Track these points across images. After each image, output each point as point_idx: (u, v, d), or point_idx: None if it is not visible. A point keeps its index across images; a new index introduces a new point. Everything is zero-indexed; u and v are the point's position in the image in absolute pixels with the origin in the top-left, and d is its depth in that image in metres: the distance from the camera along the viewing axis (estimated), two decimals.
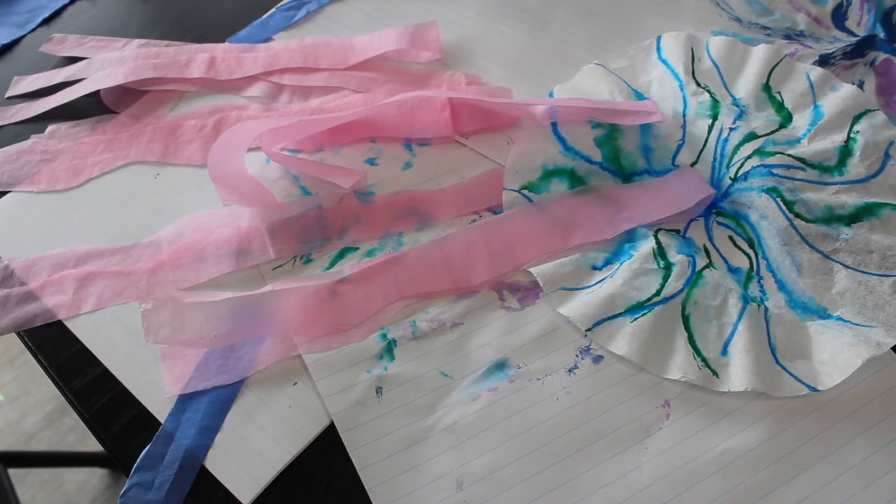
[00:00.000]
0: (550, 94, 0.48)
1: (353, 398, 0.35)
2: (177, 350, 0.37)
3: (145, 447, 0.34)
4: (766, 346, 0.36)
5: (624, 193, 0.42)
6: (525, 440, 0.34)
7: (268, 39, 0.55)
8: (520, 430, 0.34)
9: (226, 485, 0.33)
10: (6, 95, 0.52)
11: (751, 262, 0.40)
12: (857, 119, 0.43)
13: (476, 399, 0.35)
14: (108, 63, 0.52)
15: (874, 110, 0.43)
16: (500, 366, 0.36)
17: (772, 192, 0.40)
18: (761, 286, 0.39)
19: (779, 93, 0.46)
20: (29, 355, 0.40)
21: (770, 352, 0.36)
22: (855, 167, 0.41)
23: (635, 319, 0.36)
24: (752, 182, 0.41)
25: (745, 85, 0.46)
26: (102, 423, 0.36)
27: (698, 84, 0.46)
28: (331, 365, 0.36)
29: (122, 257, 0.41)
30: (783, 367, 0.35)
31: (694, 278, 0.38)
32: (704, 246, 0.41)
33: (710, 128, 0.44)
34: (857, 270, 0.38)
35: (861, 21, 0.52)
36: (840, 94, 0.44)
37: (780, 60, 0.47)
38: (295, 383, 0.36)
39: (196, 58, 0.52)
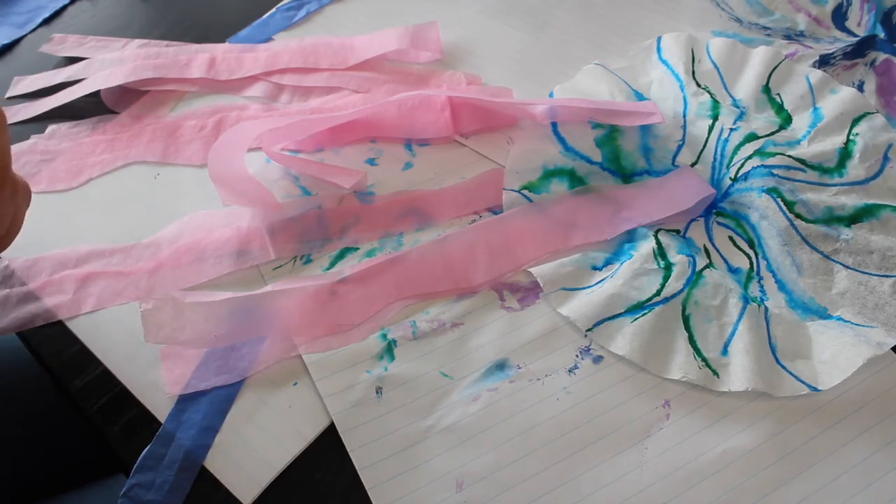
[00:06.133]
0: (550, 94, 0.48)
1: (353, 398, 0.35)
2: (177, 350, 0.37)
3: (145, 447, 0.34)
4: (767, 346, 0.36)
5: (624, 193, 0.42)
6: (525, 440, 0.34)
7: (268, 39, 0.55)
8: (520, 431, 0.34)
9: (226, 485, 0.33)
10: (6, 95, 0.52)
11: (751, 262, 0.40)
12: (856, 121, 0.43)
13: (476, 399, 0.35)
14: (109, 63, 0.52)
15: (873, 113, 0.43)
16: (500, 366, 0.36)
17: (772, 192, 0.40)
18: (761, 286, 0.39)
19: (778, 94, 0.46)
20: None
21: (770, 351, 0.36)
22: (854, 169, 0.41)
23: (635, 319, 0.36)
24: (753, 182, 0.41)
25: (745, 86, 0.46)
26: (102, 423, 0.36)
27: (699, 85, 0.46)
28: (331, 365, 0.36)
29: (122, 257, 0.41)
30: (783, 367, 0.35)
31: (694, 278, 0.38)
32: (704, 246, 0.41)
33: (711, 128, 0.44)
34: (857, 271, 0.38)
35: (861, 21, 0.52)
36: (839, 97, 0.44)
37: (780, 62, 0.47)
38: (295, 383, 0.36)
39: (196, 58, 0.52)
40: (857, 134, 0.42)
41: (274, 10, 0.57)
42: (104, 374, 0.37)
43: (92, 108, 0.50)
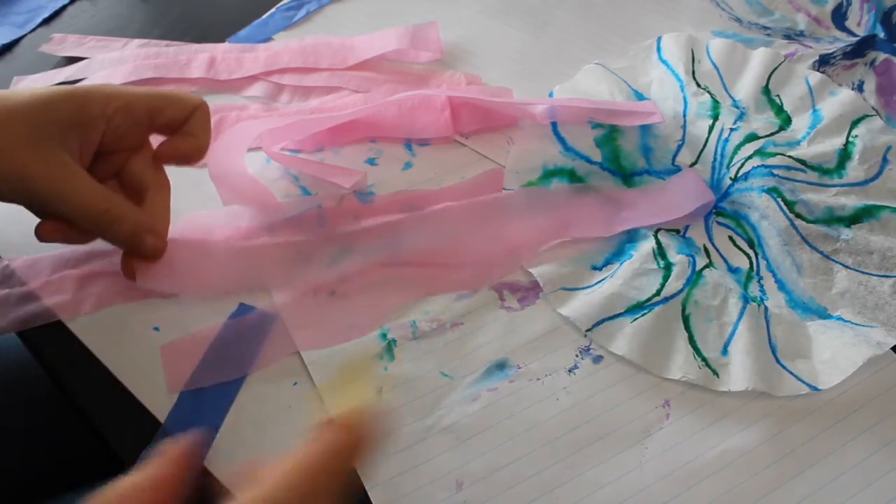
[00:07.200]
0: (550, 94, 0.48)
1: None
2: (177, 349, 0.37)
3: (145, 447, 0.34)
4: (767, 346, 0.36)
5: (624, 197, 0.42)
6: (525, 440, 0.34)
7: (268, 39, 0.55)
8: (520, 430, 0.34)
9: (226, 485, 0.33)
10: None
11: (751, 262, 0.40)
12: (855, 123, 0.43)
13: (476, 399, 0.35)
14: (108, 63, 0.52)
15: (872, 115, 0.44)
16: (500, 366, 0.36)
17: (772, 192, 0.40)
18: (761, 286, 0.39)
19: (778, 96, 0.46)
20: None
21: (770, 351, 0.36)
22: (854, 170, 0.41)
23: (635, 319, 0.36)
24: (753, 182, 0.41)
25: (745, 87, 0.46)
26: (102, 423, 0.35)
27: (699, 85, 0.46)
28: (331, 365, 0.36)
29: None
30: (783, 367, 0.35)
31: (694, 278, 0.38)
32: (704, 246, 0.41)
33: (711, 128, 0.44)
34: (857, 271, 0.38)
35: (861, 21, 0.52)
36: (839, 99, 0.45)
37: (780, 64, 0.47)
38: (295, 383, 0.36)
39: (196, 58, 0.52)
40: (856, 136, 0.42)
41: (274, 9, 0.57)
42: (104, 374, 0.37)
43: None
